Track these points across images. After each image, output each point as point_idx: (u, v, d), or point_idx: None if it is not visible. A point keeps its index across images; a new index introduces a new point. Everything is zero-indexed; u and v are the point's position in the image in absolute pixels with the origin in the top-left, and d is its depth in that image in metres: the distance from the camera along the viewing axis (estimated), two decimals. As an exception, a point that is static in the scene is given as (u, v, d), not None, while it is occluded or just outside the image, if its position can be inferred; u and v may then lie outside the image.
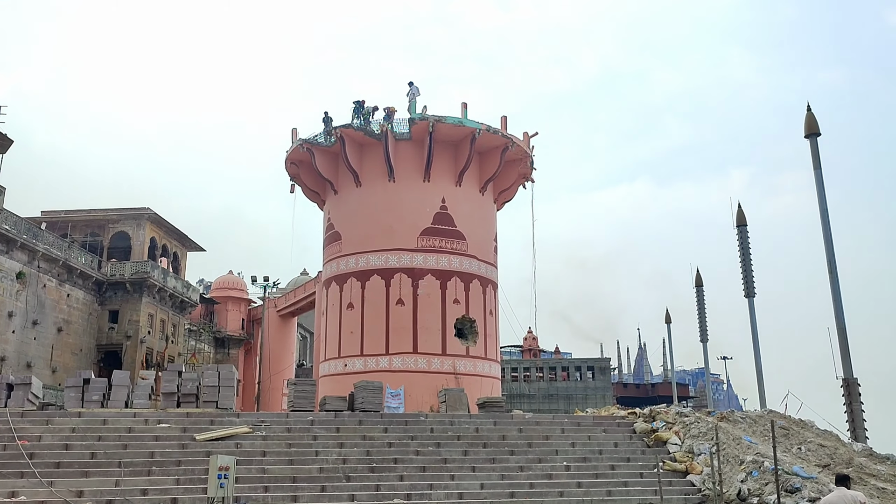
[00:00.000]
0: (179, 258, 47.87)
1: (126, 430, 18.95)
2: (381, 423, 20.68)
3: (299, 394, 22.10)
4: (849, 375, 21.31)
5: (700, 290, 39.11)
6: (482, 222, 33.32)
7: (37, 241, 34.92)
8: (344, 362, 30.94)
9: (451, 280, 31.23)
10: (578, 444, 20.42)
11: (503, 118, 33.05)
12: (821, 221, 22.58)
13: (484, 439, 20.12)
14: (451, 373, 29.72)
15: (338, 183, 33.21)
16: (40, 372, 33.49)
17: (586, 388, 60.89)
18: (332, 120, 31.95)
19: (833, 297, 22.04)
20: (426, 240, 31.32)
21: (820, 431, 21.20)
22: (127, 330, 40.60)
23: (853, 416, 21.15)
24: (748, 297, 28.89)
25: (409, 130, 31.41)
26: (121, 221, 43.04)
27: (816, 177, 22.96)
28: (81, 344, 38.81)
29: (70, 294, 38.03)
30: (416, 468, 18.11)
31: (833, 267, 22.21)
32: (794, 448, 19.47)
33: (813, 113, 23.29)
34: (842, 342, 21.61)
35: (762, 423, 21.29)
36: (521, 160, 33.94)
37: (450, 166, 32.29)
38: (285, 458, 18.14)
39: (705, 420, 21.42)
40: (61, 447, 17.82)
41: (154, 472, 16.87)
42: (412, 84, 32.07)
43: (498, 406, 23.57)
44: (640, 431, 21.51)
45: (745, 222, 29.76)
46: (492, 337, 32.45)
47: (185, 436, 18.85)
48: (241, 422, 19.98)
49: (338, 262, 32.53)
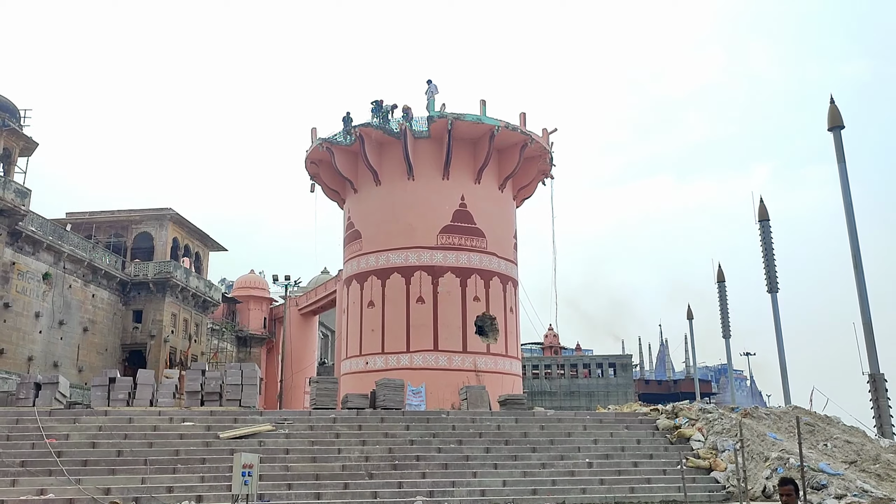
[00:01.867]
0: (201, 258, 48.27)
1: (151, 429, 19.16)
2: (403, 420, 20.72)
3: (321, 392, 22.21)
4: (875, 371, 21.08)
5: (722, 286, 38.84)
6: (502, 219, 33.25)
7: (62, 242, 35.40)
8: (365, 360, 31.06)
9: (471, 277, 31.22)
10: (601, 441, 20.35)
11: (522, 114, 32.97)
12: (845, 215, 22.31)
13: (506, 436, 20.10)
14: (472, 370, 29.73)
15: (357, 182, 33.30)
16: (67, 371, 33.95)
17: (608, 385, 60.63)
18: (352, 120, 32.05)
19: (858, 292, 21.78)
20: (446, 237, 31.34)
21: (846, 427, 20.95)
22: (151, 329, 41.02)
23: (880, 412, 20.93)
24: (771, 293, 28.64)
25: (427, 128, 31.42)
26: (143, 222, 43.47)
27: (840, 170, 22.69)
28: (106, 343, 39.29)
29: (95, 294, 38.50)
30: (438, 465, 18.13)
31: (858, 261, 21.95)
32: (819, 444, 19.26)
33: (836, 106, 23.01)
34: (868, 337, 21.37)
35: (787, 419, 21.08)
36: (541, 156, 33.83)
37: (469, 164, 32.26)
38: (308, 455, 18.24)
39: (729, 416, 21.25)
40: (88, 445, 18.06)
41: (179, 469, 17.04)
42: (430, 82, 32.08)
43: (519, 403, 23.53)
44: (663, 428, 21.38)
45: (768, 217, 29.50)
46: (512, 334, 32.40)
47: (209, 434, 19.02)
48: (265, 420, 20.13)
49: (358, 261, 32.64)
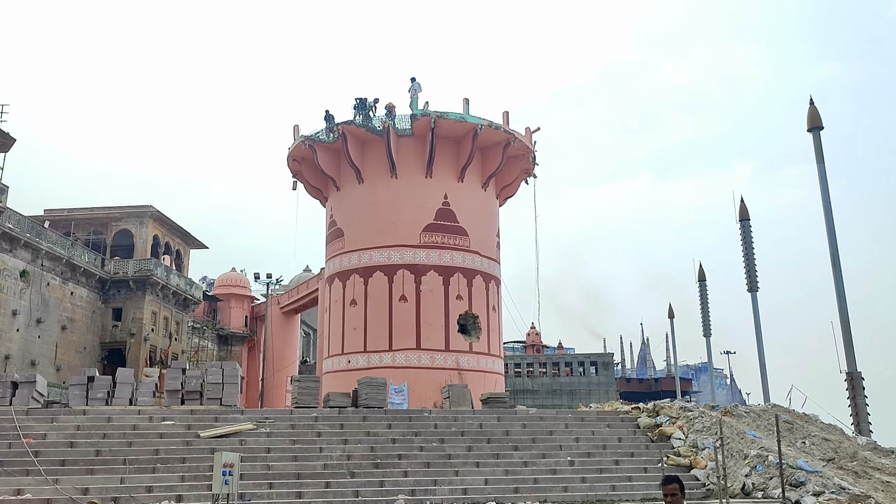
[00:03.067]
0: (182, 256, 47.91)
1: (131, 428, 18.99)
2: (385, 419, 20.69)
3: (303, 390, 22.13)
4: (852, 369, 21.30)
5: (703, 285, 39.10)
6: (484, 218, 33.27)
7: (40, 239, 34.97)
8: (347, 359, 30.97)
9: (454, 276, 31.21)
10: (582, 440, 20.43)
11: (505, 113, 33.00)
12: (824, 215, 22.54)
13: (488, 435, 20.13)
14: (455, 369, 29.74)
15: (340, 179, 33.18)
16: (44, 370, 33.56)
17: (589, 384, 60.93)
18: (333, 118, 31.91)
19: (836, 291, 22.01)
20: (429, 236, 31.30)
21: (824, 425, 21.18)
22: (130, 328, 40.65)
23: (857, 410, 21.16)
24: (751, 292, 28.86)
25: (410, 126, 31.35)
26: (123, 219, 43.05)
27: (819, 171, 22.92)
28: (85, 342, 38.89)
29: (73, 292, 38.09)
30: (420, 464, 18.12)
31: (836, 261, 22.17)
32: (798, 442, 19.46)
33: (815, 107, 23.23)
34: (845, 336, 21.60)
35: (766, 417, 21.27)
36: (524, 156, 33.88)
37: (452, 162, 32.24)
38: (289, 454, 18.17)
39: (709, 414, 21.41)
40: (66, 445, 17.87)
41: (159, 469, 16.90)
42: (414, 80, 32.02)
43: (501, 402, 23.57)
44: (644, 426, 21.51)
45: (748, 216, 29.72)
46: (495, 333, 32.44)
47: (189, 433, 18.88)
48: (245, 419, 20.01)
49: (340, 259, 32.53)
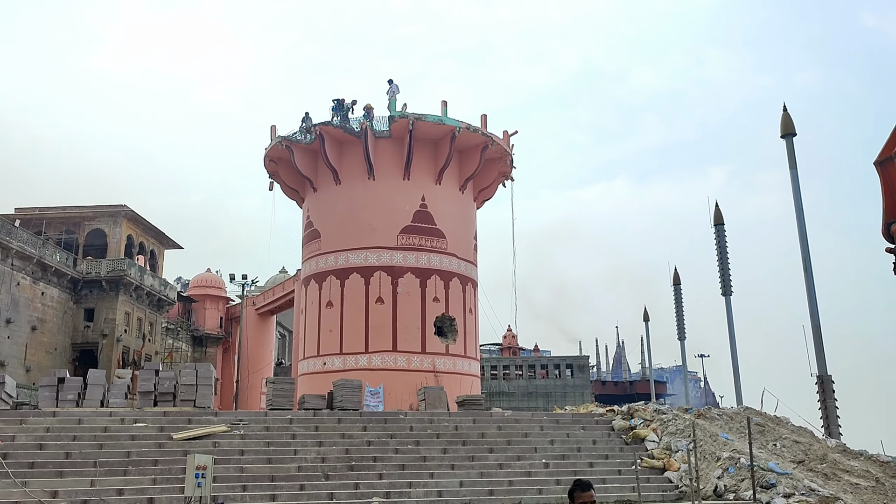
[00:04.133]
0: (157, 256, 47.37)
1: (102, 430, 18.75)
2: (361, 421, 20.63)
3: (278, 392, 21.99)
4: (823, 373, 21.59)
5: (678, 289, 39.45)
6: (462, 220, 33.31)
7: (10, 238, 34.40)
8: (323, 360, 30.82)
9: (431, 278, 31.20)
10: (557, 442, 20.51)
11: (483, 116, 33.08)
12: (796, 220, 22.85)
13: (463, 437, 20.14)
14: (431, 371, 29.71)
15: (317, 180, 33.04)
16: (14, 371, 33.00)
17: (565, 386, 61.16)
18: (311, 119, 31.76)
19: (808, 296, 22.31)
20: (406, 238, 31.26)
21: (795, 428, 21.46)
22: (103, 328, 40.11)
23: (827, 413, 21.44)
24: (725, 296, 29.16)
25: (388, 128, 31.30)
26: (97, 219, 42.47)
27: (792, 176, 23.23)
28: (56, 343, 38.31)
29: (45, 292, 37.52)
30: (395, 466, 18.09)
31: (808, 265, 22.47)
32: (769, 444, 19.69)
33: (789, 113, 23.55)
34: (816, 340, 21.89)
35: (738, 419, 21.51)
36: (501, 158, 33.97)
37: (430, 164, 32.24)
38: (263, 456, 18.04)
39: (682, 417, 21.60)
40: (35, 447, 17.60)
41: (130, 471, 16.70)
42: (392, 82, 31.98)
43: (477, 404, 23.60)
44: (619, 429, 21.64)
45: (723, 221, 30.04)
46: (471, 335, 32.48)
47: (161, 435, 18.68)
48: (219, 420, 19.84)
49: (317, 260, 32.38)
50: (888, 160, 8.26)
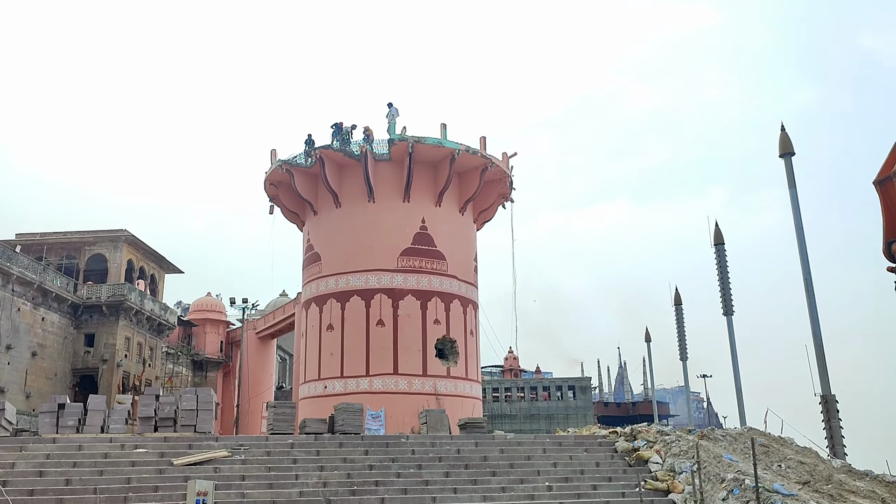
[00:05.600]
0: (157, 280, 47.34)
1: (102, 456, 18.62)
2: (362, 445, 20.50)
3: (279, 416, 21.86)
4: (827, 392, 21.46)
5: (679, 309, 39.36)
6: (462, 242, 33.34)
7: (11, 264, 34.41)
8: (324, 384, 30.69)
9: (432, 300, 31.16)
10: (560, 465, 20.35)
11: (482, 139, 33.20)
12: (796, 240, 22.85)
13: (465, 460, 20.00)
14: (433, 394, 29.58)
15: (317, 204, 33.12)
16: (14, 397, 32.86)
17: (567, 408, 60.89)
18: (314, 142, 31.88)
19: (810, 315, 22.24)
20: (406, 260, 31.27)
21: (800, 448, 21.28)
22: (103, 353, 39.98)
23: (832, 433, 21.28)
24: (727, 315, 29.07)
25: (388, 151, 31.43)
26: (97, 243, 42.51)
27: (791, 196, 23.25)
28: (56, 368, 38.18)
29: (45, 318, 37.46)
30: (397, 490, 17.94)
31: (809, 284, 22.42)
32: (774, 465, 19.53)
33: (787, 133, 23.62)
34: (819, 359, 21.78)
35: (742, 440, 21.34)
36: (501, 180, 34.08)
37: (429, 186, 32.33)
38: (265, 482, 17.90)
39: (686, 438, 21.44)
40: (35, 474, 17.46)
41: (131, 498, 16.56)
42: (391, 105, 32.17)
43: (479, 427, 23.44)
44: (622, 451, 21.48)
45: (723, 241, 30.02)
46: (472, 357, 32.37)
47: (162, 461, 18.55)
48: (220, 446, 19.71)
49: (317, 283, 32.36)
50: (887, 179, 8.29)
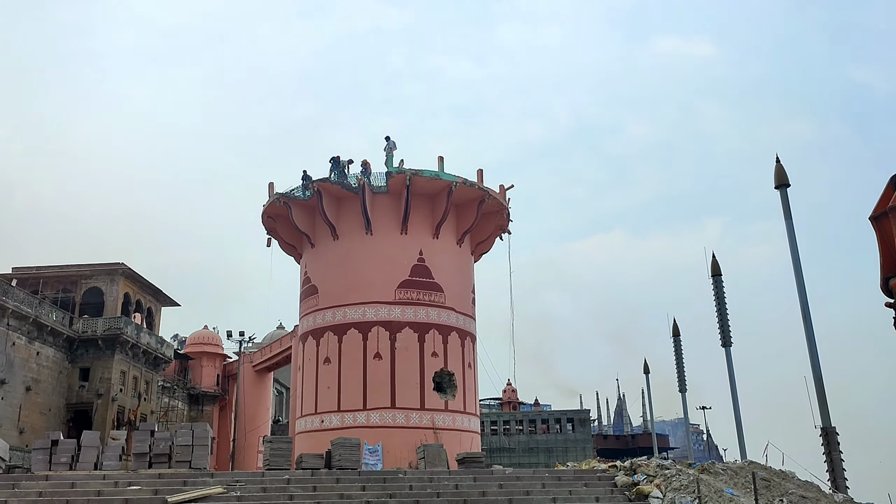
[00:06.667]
0: (154, 313, 47.15)
1: (95, 494, 18.37)
2: (359, 480, 20.28)
3: (275, 451, 21.67)
4: (827, 424, 21.31)
5: (677, 340, 39.23)
6: (460, 274, 33.32)
7: (6, 298, 34.29)
8: (321, 418, 30.42)
9: (430, 333, 31.03)
10: (560, 499, 20.11)
11: (479, 171, 33.37)
12: (793, 271, 22.86)
13: (464, 496, 19.75)
14: (430, 428, 29.31)
15: (315, 236, 33.15)
16: (7, 433, 32.50)
17: (566, 441, 60.41)
18: (311, 177, 31.98)
19: (808, 346, 22.16)
20: (404, 292, 31.22)
21: (801, 482, 21.07)
22: (98, 388, 39.66)
23: (833, 466, 21.08)
24: (725, 347, 28.99)
25: (386, 184, 31.55)
26: (94, 277, 42.39)
27: (788, 227, 23.33)
28: (50, 403, 37.84)
29: (40, 352, 37.22)
30: (394, 527, 17.69)
31: (807, 315, 22.38)
32: (775, 500, 19.32)
33: (782, 164, 23.78)
34: (819, 391, 21.66)
35: (743, 474, 21.14)
36: (498, 212, 34.18)
37: (427, 219, 32.40)
38: (260, 519, 17.66)
39: (686, 472, 21.23)
40: (27, 512, 17.23)
41: (123, 536, 16.32)
42: (389, 138, 32.38)
43: (478, 461, 23.22)
44: (622, 485, 21.24)
45: (720, 272, 30.04)
46: (471, 390, 32.15)
47: (156, 498, 18.30)
48: (215, 482, 19.48)
49: (314, 316, 32.24)
50: (882, 215, 8.33)
